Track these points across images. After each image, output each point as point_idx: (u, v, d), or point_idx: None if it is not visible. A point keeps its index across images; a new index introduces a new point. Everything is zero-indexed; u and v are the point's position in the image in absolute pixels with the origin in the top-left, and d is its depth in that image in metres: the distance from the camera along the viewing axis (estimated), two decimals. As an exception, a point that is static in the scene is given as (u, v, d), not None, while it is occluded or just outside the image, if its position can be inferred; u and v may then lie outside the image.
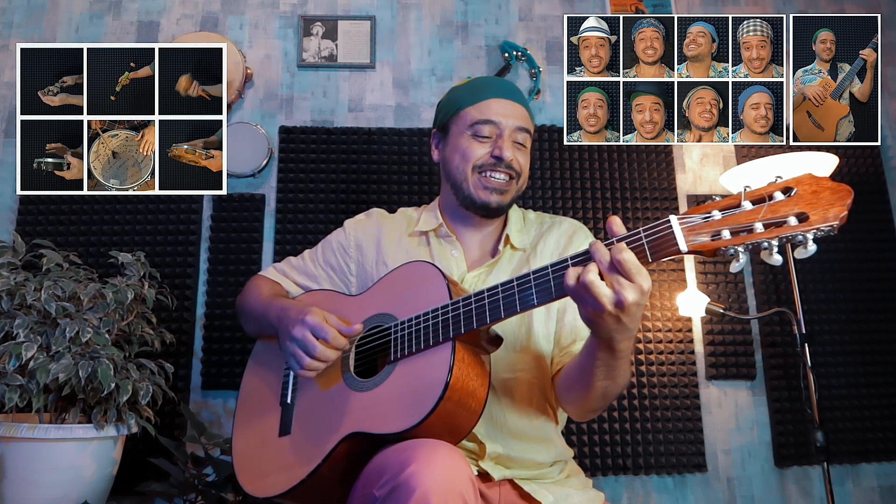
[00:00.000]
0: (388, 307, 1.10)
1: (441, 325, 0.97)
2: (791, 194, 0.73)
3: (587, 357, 0.94)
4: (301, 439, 1.06)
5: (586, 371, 0.95)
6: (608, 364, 0.91)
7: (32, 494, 1.49)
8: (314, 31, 2.33)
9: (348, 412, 1.01)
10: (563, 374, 1.10)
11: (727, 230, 0.74)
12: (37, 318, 1.56)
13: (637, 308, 0.78)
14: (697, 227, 0.76)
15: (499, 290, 0.94)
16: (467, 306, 0.96)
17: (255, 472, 1.10)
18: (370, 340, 1.09)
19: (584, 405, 1.04)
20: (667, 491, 2.05)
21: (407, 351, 1.00)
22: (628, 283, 0.76)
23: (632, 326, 0.81)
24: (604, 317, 0.79)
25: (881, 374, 2.15)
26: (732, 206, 0.76)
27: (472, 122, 1.22)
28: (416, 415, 0.91)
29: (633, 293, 0.76)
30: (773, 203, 0.73)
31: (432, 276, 1.06)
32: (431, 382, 0.93)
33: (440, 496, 0.79)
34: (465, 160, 1.22)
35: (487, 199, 1.21)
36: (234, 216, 2.16)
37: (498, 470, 1.09)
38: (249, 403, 1.22)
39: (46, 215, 2.12)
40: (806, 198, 0.72)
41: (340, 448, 0.98)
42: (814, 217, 0.71)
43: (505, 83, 1.30)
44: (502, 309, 0.93)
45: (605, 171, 2.26)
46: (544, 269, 0.90)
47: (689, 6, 2.45)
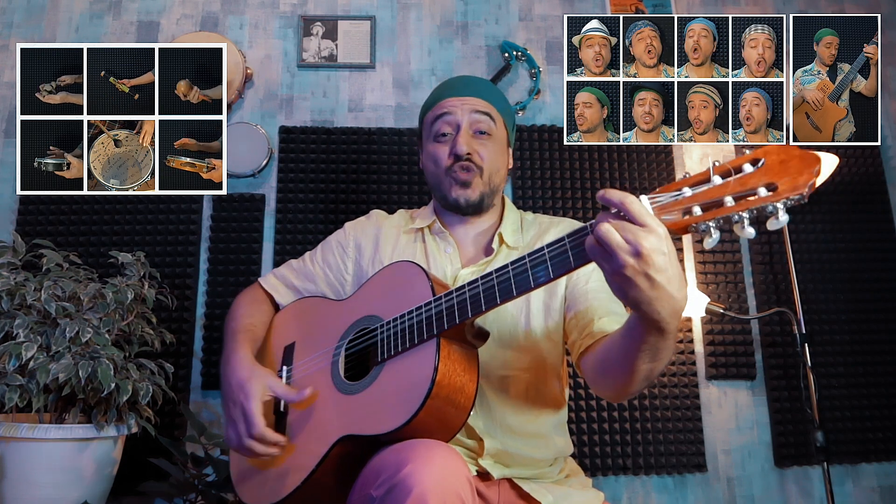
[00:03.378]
0: (374, 309, 1.10)
1: (424, 322, 0.97)
2: (759, 165, 0.72)
3: (629, 339, 0.87)
4: (295, 446, 1.06)
5: (629, 354, 0.88)
6: (654, 346, 0.83)
7: (32, 494, 1.49)
8: (314, 31, 2.33)
9: (339, 416, 1.01)
10: (596, 359, 1.03)
11: (697, 206, 0.73)
12: (37, 318, 1.56)
13: (662, 258, 0.72)
14: (668, 205, 0.75)
15: (478, 282, 0.94)
16: (449, 301, 0.96)
17: (253, 481, 1.10)
18: (358, 343, 1.09)
19: (624, 389, 0.97)
20: (667, 491, 2.05)
21: (393, 351, 1.00)
22: (640, 228, 0.72)
23: (669, 289, 0.74)
24: (629, 275, 0.73)
25: (881, 374, 2.15)
26: (702, 182, 0.74)
27: (431, 125, 1.25)
28: (404, 414, 0.91)
29: (648, 237, 0.71)
30: (741, 175, 0.72)
31: (415, 274, 1.06)
32: (418, 380, 0.92)
33: (437, 496, 0.78)
34: (437, 165, 1.24)
35: (457, 196, 1.22)
36: (234, 216, 2.16)
37: (497, 468, 1.09)
38: None
39: (46, 215, 2.12)
40: (774, 168, 0.71)
41: (334, 452, 0.98)
42: (783, 186, 0.70)
43: (461, 80, 1.32)
44: (482, 301, 0.92)
45: (605, 171, 2.26)
46: (521, 259, 0.89)
47: (689, 6, 2.45)
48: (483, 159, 1.22)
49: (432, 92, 1.33)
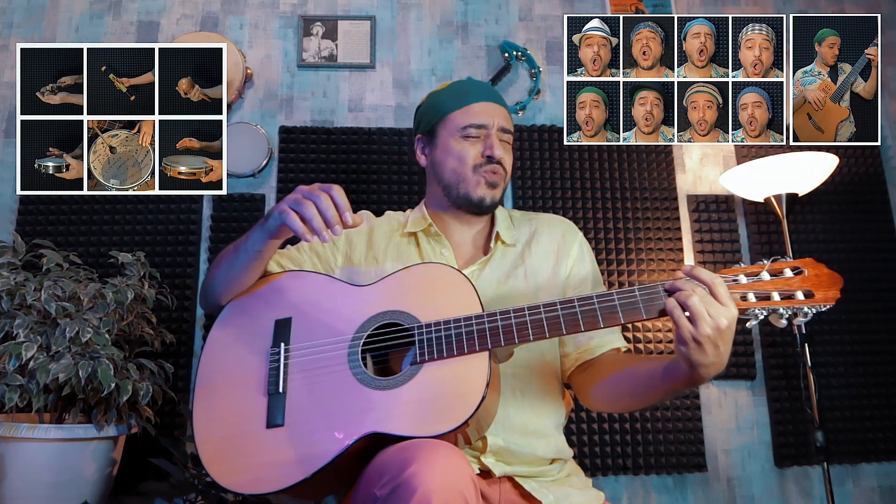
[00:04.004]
0: (403, 305, 1.07)
1: (477, 333, 0.98)
2: (798, 273, 0.93)
3: (660, 380, 0.98)
4: (301, 433, 1.01)
5: (653, 390, 1.00)
6: (681, 392, 1.01)
7: (32, 494, 1.49)
8: (314, 31, 2.33)
9: (367, 410, 0.98)
10: (607, 383, 1.12)
11: (752, 294, 0.92)
12: (37, 318, 1.56)
13: (731, 335, 0.87)
14: (730, 287, 0.93)
15: (541, 309, 0.98)
16: (507, 320, 0.98)
17: (234, 464, 1.04)
18: (385, 337, 1.06)
19: (625, 409, 1.15)
20: (667, 491, 2.05)
21: (437, 355, 0.99)
22: (722, 307, 0.87)
23: (725, 358, 0.89)
24: (702, 342, 0.86)
25: (881, 374, 2.15)
26: (755, 274, 0.94)
27: (462, 126, 1.25)
28: (451, 421, 0.91)
29: (729, 316, 0.86)
30: (785, 278, 0.93)
31: (460, 283, 1.06)
32: (469, 391, 0.93)
33: (441, 496, 0.78)
34: (462, 162, 1.24)
35: (483, 195, 1.23)
36: (234, 216, 2.16)
37: (499, 466, 1.09)
38: (217, 382, 1.13)
39: (46, 215, 2.12)
40: (811, 279, 0.92)
41: (355, 446, 0.95)
42: (818, 296, 0.91)
43: (486, 86, 1.35)
44: (546, 329, 0.97)
45: (605, 171, 2.26)
46: (589, 298, 0.96)
47: (689, 6, 2.45)
48: (508, 164, 1.27)
49: (452, 90, 1.31)
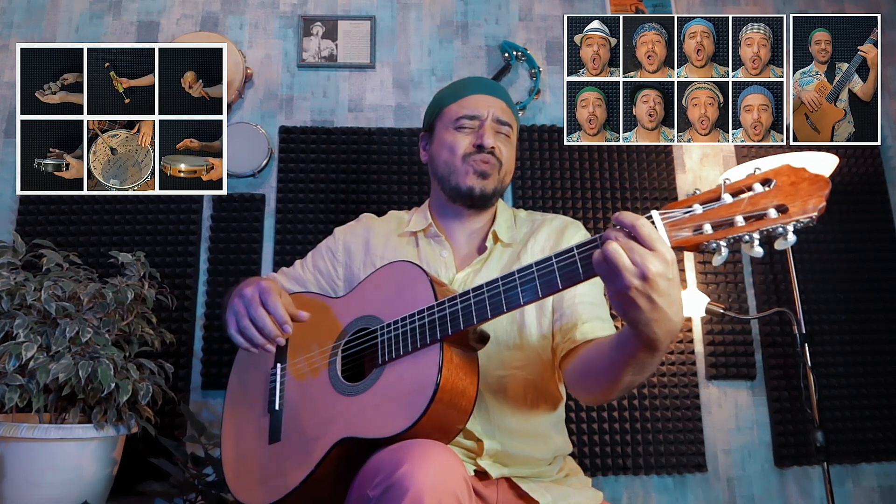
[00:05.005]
0: (373, 309, 1.09)
1: (427, 326, 0.97)
2: (770, 186, 0.73)
3: (618, 351, 0.89)
4: (292, 446, 1.06)
5: (616, 365, 0.91)
6: (642, 361, 0.86)
7: (32, 494, 1.49)
8: (314, 31, 2.33)
9: (337, 417, 1.01)
10: (580, 365, 1.06)
11: (709, 224, 0.74)
12: (37, 318, 1.56)
13: (666, 284, 0.74)
14: (679, 221, 0.76)
15: (484, 289, 0.94)
16: (453, 307, 0.96)
17: (248, 481, 1.09)
18: (356, 343, 1.09)
19: (603, 396, 1.00)
20: (667, 491, 2.05)
21: (395, 354, 0.99)
22: (648, 251, 0.73)
23: (669, 312, 0.76)
24: (632, 295, 0.74)
25: (881, 374, 2.15)
26: (713, 200, 0.75)
27: (454, 118, 1.25)
28: (407, 418, 0.91)
29: (655, 262, 0.73)
30: (752, 195, 0.73)
31: (416, 276, 1.05)
32: (421, 385, 0.92)
33: (433, 496, 0.78)
34: (453, 153, 1.24)
35: (472, 185, 1.22)
36: (234, 216, 2.16)
37: (496, 468, 1.09)
38: (236, 410, 1.21)
39: (46, 215, 2.12)
40: (785, 189, 0.72)
41: (332, 453, 0.98)
42: (793, 209, 0.71)
43: (485, 80, 1.34)
44: (488, 309, 0.93)
45: (605, 171, 2.26)
46: (529, 268, 0.89)
47: (689, 6, 2.45)
48: (503, 155, 1.25)
49: (452, 86, 1.33)
